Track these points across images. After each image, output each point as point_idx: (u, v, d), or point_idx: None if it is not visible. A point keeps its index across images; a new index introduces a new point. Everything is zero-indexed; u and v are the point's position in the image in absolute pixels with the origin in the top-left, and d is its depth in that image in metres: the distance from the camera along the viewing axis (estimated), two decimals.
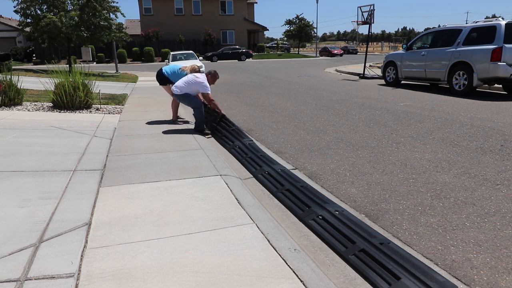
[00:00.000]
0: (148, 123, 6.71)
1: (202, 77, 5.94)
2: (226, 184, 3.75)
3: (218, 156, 4.76)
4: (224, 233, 2.77)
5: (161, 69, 6.92)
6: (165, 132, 5.96)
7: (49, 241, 2.54)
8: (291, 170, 4.33)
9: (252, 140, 5.37)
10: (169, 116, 7.08)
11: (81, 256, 2.41)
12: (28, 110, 7.49)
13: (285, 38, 57.76)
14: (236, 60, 36.07)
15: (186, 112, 7.63)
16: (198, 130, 6.01)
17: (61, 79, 7.63)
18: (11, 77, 7.81)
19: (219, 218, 3.01)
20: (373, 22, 16.08)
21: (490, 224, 2.93)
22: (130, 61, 37.45)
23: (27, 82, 10.39)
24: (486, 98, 9.29)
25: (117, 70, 21.25)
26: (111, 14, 19.45)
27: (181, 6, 42.86)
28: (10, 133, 5.53)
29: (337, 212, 3.03)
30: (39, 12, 19.06)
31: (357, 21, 16.64)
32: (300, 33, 50.04)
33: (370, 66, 19.60)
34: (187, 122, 6.92)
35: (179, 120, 6.99)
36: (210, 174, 4.03)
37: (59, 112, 7.50)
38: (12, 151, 4.66)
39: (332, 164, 4.50)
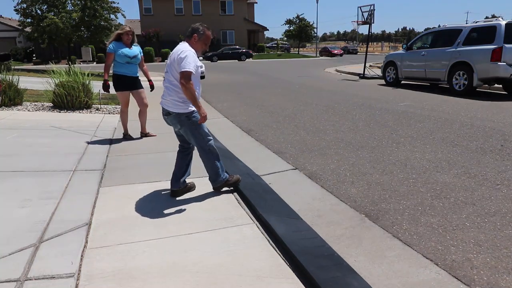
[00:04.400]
0: (148, 123, 6.70)
1: (182, 45, 3.22)
2: None
3: None
4: (224, 233, 2.77)
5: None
6: (164, 135, 5.89)
7: (49, 241, 2.54)
8: (290, 170, 4.33)
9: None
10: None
11: (81, 256, 2.41)
12: (28, 110, 7.49)
13: (285, 38, 57.77)
14: (236, 60, 36.06)
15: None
16: (217, 187, 3.52)
17: (61, 79, 7.64)
18: (11, 77, 7.82)
19: (219, 218, 3.01)
20: (373, 22, 16.08)
21: (490, 224, 2.93)
22: None
23: (27, 82, 10.40)
24: (486, 98, 9.28)
25: None
26: (111, 15, 19.48)
27: (181, 6, 42.87)
28: (10, 133, 5.53)
29: None
30: (39, 12, 19.08)
31: (357, 21, 16.64)
32: (300, 33, 50.06)
33: (370, 66, 19.59)
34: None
35: (148, 134, 5.72)
36: None
37: (59, 112, 7.50)
38: (12, 151, 4.66)
39: (332, 164, 4.50)
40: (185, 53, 3.07)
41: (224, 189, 3.58)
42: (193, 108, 3.20)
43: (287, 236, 2.67)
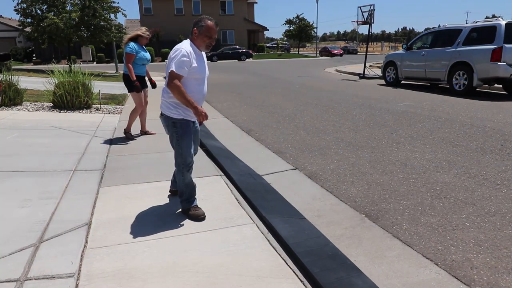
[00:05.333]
0: (148, 123, 6.70)
1: (181, 43, 2.91)
2: (226, 184, 3.75)
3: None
4: (224, 233, 2.77)
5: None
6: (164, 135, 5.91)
7: (49, 241, 2.55)
8: (290, 170, 4.33)
9: None
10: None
11: (81, 256, 2.41)
12: (28, 110, 7.49)
13: (285, 38, 57.77)
14: (236, 60, 36.05)
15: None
16: (183, 209, 3.10)
17: (61, 79, 7.64)
18: (11, 77, 7.82)
19: (219, 218, 3.01)
20: (373, 22, 16.08)
21: (490, 224, 2.93)
22: None
23: (27, 82, 10.40)
24: (486, 98, 9.28)
25: (117, 70, 21.23)
26: (111, 15, 19.47)
27: (181, 6, 42.89)
28: (10, 133, 5.53)
29: None
30: (39, 12, 19.08)
31: (357, 21, 16.64)
32: (300, 33, 50.05)
33: (370, 66, 19.59)
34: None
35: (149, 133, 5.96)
36: (210, 174, 4.02)
37: (59, 112, 7.50)
38: (12, 151, 4.66)
39: (332, 164, 4.50)
40: (175, 51, 2.78)
41: (224, 188, 3.57)
42: (182, 117, 2.86)
43: (290, 238, 2.67)
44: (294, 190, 3.79)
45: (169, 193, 3.45)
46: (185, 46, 2.82)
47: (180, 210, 3.13)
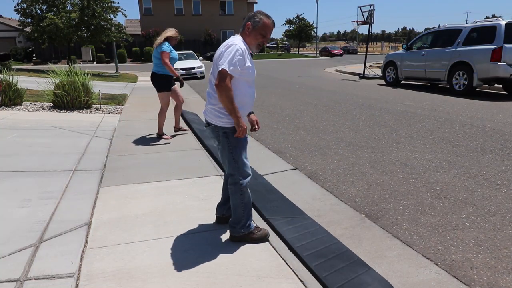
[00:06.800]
0: (149, 123, 6.71)
1: (230, 39, 2.61)
2: None
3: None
4: (224, 233, 2.77)
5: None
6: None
7: (49, 241, 2.55)
8: (291, 170, 4.33)
9: None
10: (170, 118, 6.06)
11: (81, 256, 2.41)
12: (28, 110, 7.49)
13: (285, 38, 57.74)
14: None
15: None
16: (234, 237, 2.64)
17: (61, 79, 7.63)
18: (12, 77, 7.81)
19: None
20: (373, 22, 16.08)
21: (490, 224, 2.93)
22: (130, 61, 37.45)
23: (27, 82, 10.39)
24: (486, 98, 9.28)
25: (117, 70, 21.24)
26: (111, 15, 19.45)
27: (181, 6, 42.85)
28: (10, 133, 5.53)
29: None
30: (39, 12, 19.07)
31: (357, 21, 16.64)
32: (300, 33, 50.04)
33: (370, 66, 19.58)
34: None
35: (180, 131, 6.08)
36: (210, 174, 4.03)
37: (59, 112, 7.50)
38: (12, 151, 4.65)
39: (332, 164, 4.50)
40: (228, 47, 2.39)
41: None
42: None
43: (291, 236, 2.67)
44: (294, 190, 3.79)
45: (215, 221, 2.91)
46: (238, 42, 2.43)
47: (229, 237, 2.65)
